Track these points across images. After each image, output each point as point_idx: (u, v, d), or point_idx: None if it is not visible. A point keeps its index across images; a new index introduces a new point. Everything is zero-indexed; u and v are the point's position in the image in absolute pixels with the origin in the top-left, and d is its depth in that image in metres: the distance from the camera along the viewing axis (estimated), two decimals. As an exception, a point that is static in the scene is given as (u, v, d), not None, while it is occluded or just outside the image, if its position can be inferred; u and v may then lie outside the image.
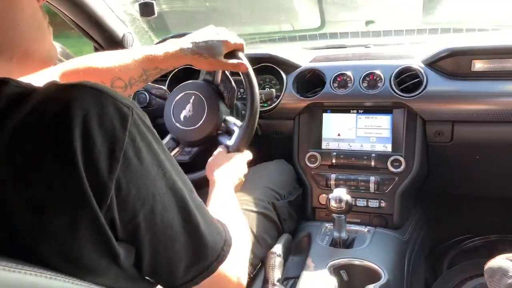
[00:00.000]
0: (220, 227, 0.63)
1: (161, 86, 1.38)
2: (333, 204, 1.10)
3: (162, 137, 1.19)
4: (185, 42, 1.01)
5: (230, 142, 1.13)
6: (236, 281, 0.66)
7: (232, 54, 1.08)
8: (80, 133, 0.44)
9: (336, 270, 1.07)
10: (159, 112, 1.32)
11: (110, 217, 0.47)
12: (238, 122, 1.17)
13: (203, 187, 0.97)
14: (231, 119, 1.19)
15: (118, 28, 1.48)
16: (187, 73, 1.46)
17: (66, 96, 0.45)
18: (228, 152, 1.10)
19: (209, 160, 1.07)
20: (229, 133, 1.17)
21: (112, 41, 1.48)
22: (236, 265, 0.66)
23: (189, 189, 0.58)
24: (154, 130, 0.53)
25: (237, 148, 1.11)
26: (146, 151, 0.50)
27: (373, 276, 1.05)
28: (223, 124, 1.18)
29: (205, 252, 0.59)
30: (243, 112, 1.32)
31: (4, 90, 0.47)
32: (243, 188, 1.11)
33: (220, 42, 1.03)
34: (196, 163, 1.20)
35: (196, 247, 0.58)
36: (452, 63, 1.29)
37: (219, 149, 1.10)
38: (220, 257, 0.60)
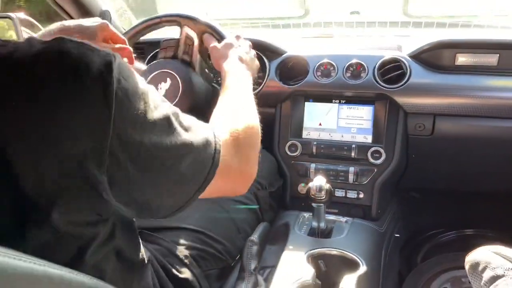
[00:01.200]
0: (210, 139, 0.63)
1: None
2: (313, 193, 1.09)
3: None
4: None
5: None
6: (239, 173, 0.71)
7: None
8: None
9: (314, 260, 1.06)
10: None
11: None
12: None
13: None
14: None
15: (95, 4, 1.42)
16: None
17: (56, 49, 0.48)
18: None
19: (212, 56, 1.05)
20: None
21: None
22: (238, 160, 0.69)
23: (175, 112, 0.59)
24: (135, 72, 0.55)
25: None
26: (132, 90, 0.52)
27: (351, 266, 1.04)
28: None
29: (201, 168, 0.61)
30: None
31: None
32: None
33: None
34: None
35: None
36: (436, 56, 1.29)
37: (213, 45, 1.06)
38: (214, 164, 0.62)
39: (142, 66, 1.18)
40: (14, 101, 0.45)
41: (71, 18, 1.40)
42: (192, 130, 0.61)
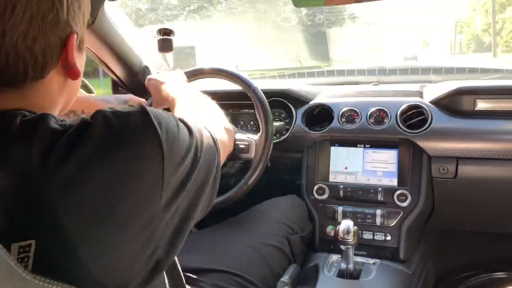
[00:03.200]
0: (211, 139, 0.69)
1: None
2: (341, 235, 1.13)
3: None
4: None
5: (249, 155, 1.20)
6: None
7: None
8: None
9: (343, 301, 1.09)
10: None
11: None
12: (252, 136, 1.23)
13: None
14: (241, 136, 1.24)
15: (137, 61, 1.56)
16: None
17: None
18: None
19: (151, 89, 1.15)
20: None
21: (130, 74, 1.55)
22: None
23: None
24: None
25: (257, 165, 1.20)
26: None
27: (380, 307, 1.06)
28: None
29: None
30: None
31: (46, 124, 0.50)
32: (260, 221, 1.17)
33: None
34: None
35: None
36: (456, 102, 1.35)
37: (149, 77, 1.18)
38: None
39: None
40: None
41: (115, 74, 1.54)
42: (204, 143, 0.64)
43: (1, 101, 0.52)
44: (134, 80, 1.59)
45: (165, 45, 1.41)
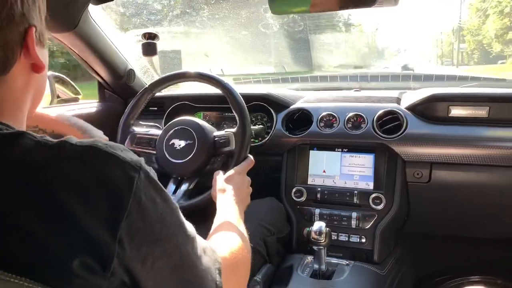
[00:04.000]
0: (212, 270, 0.65)
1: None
2: (313, 236, 1.16)
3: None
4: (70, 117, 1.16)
5: (230, 147, 1.22)
6: None
7: None
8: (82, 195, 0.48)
9: (314, 300, 1.11)
10: None
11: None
12: (230, 129, 1.25)
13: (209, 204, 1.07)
14: (220, 132, 1.27)
15: (122, 64, 1.59)
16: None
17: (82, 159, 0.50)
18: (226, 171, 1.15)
19: (213, 185, 1.12)
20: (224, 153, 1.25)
21: (115, 77, 1.58)
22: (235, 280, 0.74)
23: (188, 239, 0.60)
24: (160, 186, 0.56)
25: (239, 156, 1.20)
26: (151, 209, 0.53)
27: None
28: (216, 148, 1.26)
29: None
30: None
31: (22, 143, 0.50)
32: None
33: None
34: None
35: None
36: (431, 108, 1.38)
37: (216, 173, 1.15)
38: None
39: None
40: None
41: (101, 77, 1.57)
42: (201, 262, 0.62)
43: None
44: (119, 82, 1.62)
45: (149, 48, 1.44)
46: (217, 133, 1.27)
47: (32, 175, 0.47)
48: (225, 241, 0.81)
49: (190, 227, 0.63)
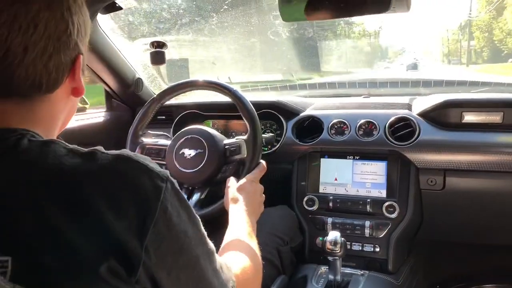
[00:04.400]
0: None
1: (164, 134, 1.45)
2: (328, 246, 1.14)
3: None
4: None
5: (242, 155, 1.20)
6: None
7: None
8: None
9: (330, 312, 1.09)
10: None
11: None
12: (241, 137, 1.23)
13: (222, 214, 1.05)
14: (230, 140, 1.25)
15: (130, 73, 1.58)
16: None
17: (115, 168, 0.53)
18: (239, 178, 1.14)
19: (226, 194, 1.11)
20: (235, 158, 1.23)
21: (123, 86, 1.57)
22: None
23: (208, 253, 0.62)
24: (184, 198, 0.58)
25: (250, 163, 1.18)
26: (176, 220, 0.55)
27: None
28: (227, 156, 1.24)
29: None
30: None
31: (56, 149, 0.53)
32: None
33: None
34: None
35: None
36: (444, 114, 1.37)
37: (229, 180, 1.13)
38: None
39: None
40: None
41: (108, 86, 1.56)
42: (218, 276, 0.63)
43: (11, 113, 0.56)
44: (128, 91, 1.61)
45: (157, 57, 1.43)
46: (227, 141, 1.26)
47: (65, 180, 0.50)
48: (236, 258, 0.81)
49: (210, 242, 0.64)
